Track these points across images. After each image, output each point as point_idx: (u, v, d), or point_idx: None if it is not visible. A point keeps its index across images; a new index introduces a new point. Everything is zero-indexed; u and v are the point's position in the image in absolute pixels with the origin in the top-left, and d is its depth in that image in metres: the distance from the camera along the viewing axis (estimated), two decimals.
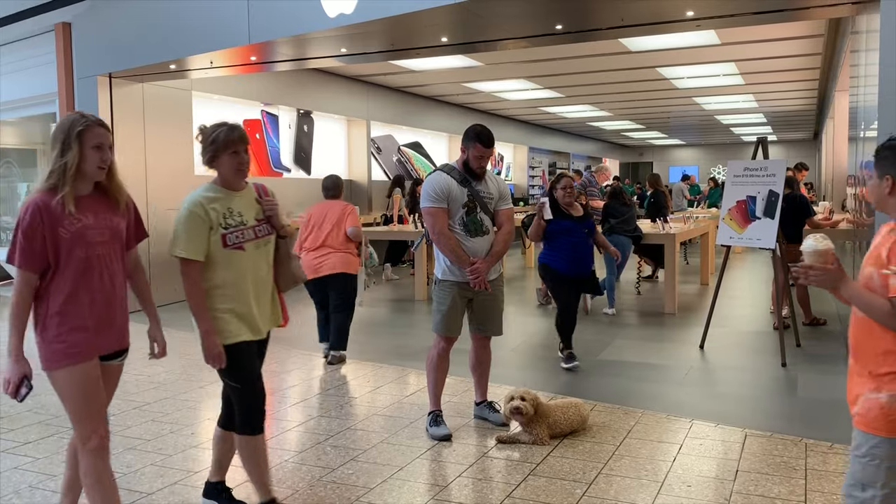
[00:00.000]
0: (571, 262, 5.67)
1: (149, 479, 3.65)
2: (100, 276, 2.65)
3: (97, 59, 8.32)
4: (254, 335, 3.07)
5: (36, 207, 2.53)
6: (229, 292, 2.99)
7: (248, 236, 3.02)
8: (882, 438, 2.15)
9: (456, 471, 3.73)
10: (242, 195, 3.09)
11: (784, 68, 11.63)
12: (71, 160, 2.55)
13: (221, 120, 3.09)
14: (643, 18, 5.96)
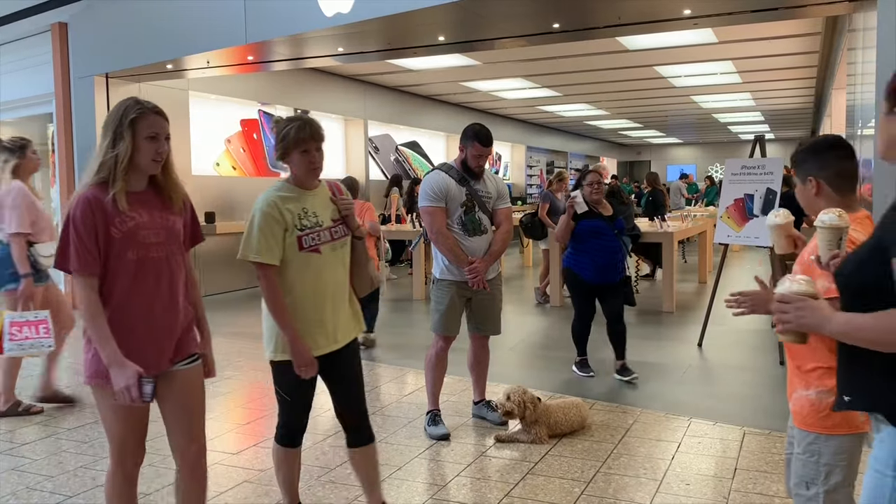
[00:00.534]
0: (599, 268, 5.22)
1: (147, 479, 3.64)
2: (155, 280, 2.37)
3: (94, 59, 8.31)
4: (327, 345, 2.85)
5: (87, 203, 2.27)
6: (304, 298, 2.78)
7: (325, 238, 2.81)
8: (816, 434, 2.15)
9: (454, 470, 3.73)
10: (316, 194, 2.90)
11: (781, 66, 11.64)
12: (123, 151, 2.30)
13: (297, 114, 2.88)
14: (640, 17, 5.96)
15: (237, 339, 6.88)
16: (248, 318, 8.26)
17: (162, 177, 2.44)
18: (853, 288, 1.67)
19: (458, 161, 4.22)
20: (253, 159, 11.03)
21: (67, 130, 8.77)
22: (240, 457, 3.94)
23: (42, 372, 5.01)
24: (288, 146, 2.80)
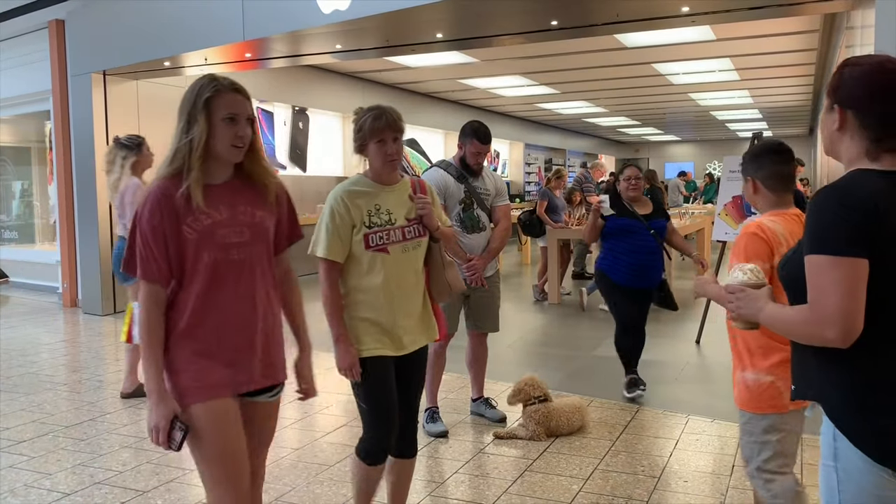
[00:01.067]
0: (634, 270, 4.67)
1: (145, 476, 3.64)
2: (234, 287, 2.05)
3: (91, 56, 8.29)
4: (395, 350, 2.67)
5: (155, 199, 1.98)
6: (370, 299, 2.64)
7: (395, 237, 2.65)
8: (752, 414, 2.37)
9: (452, 467, 3.73)
10: (394, 190, 2.71)
11: (779, 64, 11.63)
12: (197, 137, 1.99)
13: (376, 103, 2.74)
14: (638, 14, 5.95)
15: None
16: None
17: (249, 166, 2.11)
18: (785, 282, 1.74)
19: (456, 158, 4.23)
20: None
21: (65, 128, 8.75)
22: None
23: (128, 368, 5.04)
24: (364, 136, 2.66)
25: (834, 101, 1.63)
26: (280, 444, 4.07)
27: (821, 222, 1.54)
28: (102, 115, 8.34)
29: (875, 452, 1.54)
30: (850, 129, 1.61)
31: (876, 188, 1.54)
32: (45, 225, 10.99)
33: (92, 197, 8.32)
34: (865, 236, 1.49)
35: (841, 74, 1.63)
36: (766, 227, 2.39)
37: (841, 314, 1.48)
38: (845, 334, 1.49)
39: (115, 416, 4.62)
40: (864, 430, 1.56)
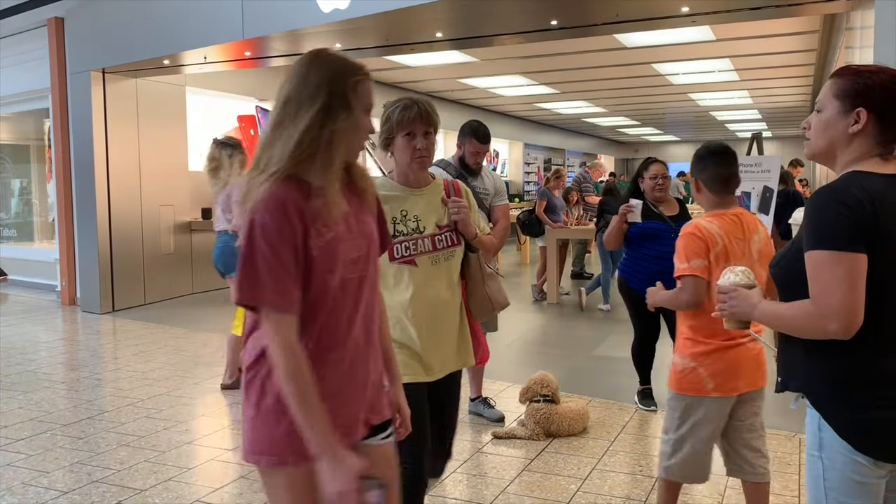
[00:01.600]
0: (653, 276, 4.09)
1: (142, 475, 3.64)
2: (351, 313, 1.66)
3: (90, 54, 8.28)
4: (427, 376, 2.37)
5: (282, 205, 1.53)
6: (397, 318, 2.34)
7: (423, 247, 2.36)
8: (675, 393, 2.69)
9: (450, 466, 3.73)
10: (424, 194, 2.42)
11: (779, 64, 11.63)
12: (344, 129, 1.61)
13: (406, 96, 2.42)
14: (638, 14, 5.95)
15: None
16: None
17: (350, 166, 1.75)
18: (778, 279, 1.81)
19: (455, 158, 4.22)
20: (250, 155, 10.97)
21: (64, 126, 8.74)
22: (235, 453, 3.93)
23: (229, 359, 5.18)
24: (391, 129, 2.35)
25: (857, 105, 1.67)
26: None
27: (823, 220, 1.60)
28: (101, 113, 8.33)
29: (856, 442, 1.62)
30: (865, 132, 1.67)
31: (875, 188, 1.61)
32: (44, 223, 10.98)
33: (90, 195, 8.31)
34: (864, 233, 1.57)
35: (864, 80, 1.67)
36: (703, 227, 2.61)
37: (844, 308, 1.55)
38: (847, 327, 1.56)
39: (113, 414, 4.61)
40: (847, 420, 1.64)
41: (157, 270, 8.95)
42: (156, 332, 7.13)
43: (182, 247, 9.30)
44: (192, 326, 7.29)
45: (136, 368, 5.74)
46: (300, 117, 1.59)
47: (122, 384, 5.31)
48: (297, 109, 1.60)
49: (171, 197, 9.08)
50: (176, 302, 8.93)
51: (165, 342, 6.69)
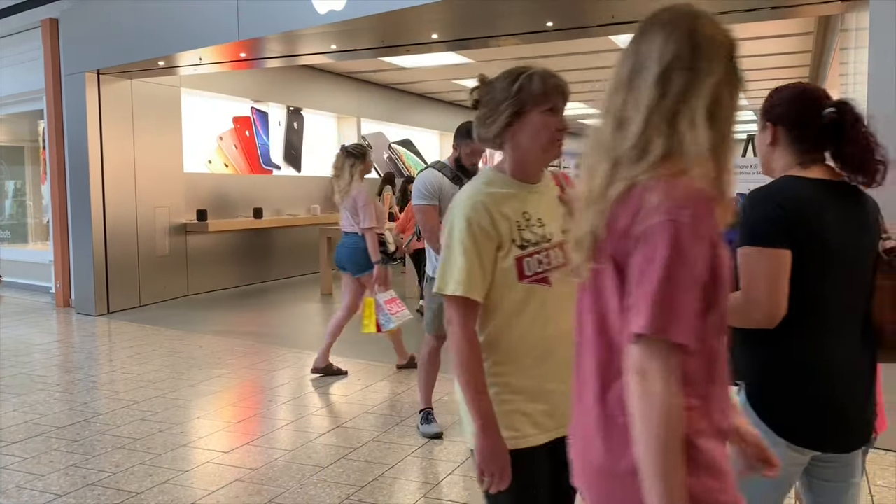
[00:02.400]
0: None
1: (138, 478, 3.63)
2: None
3: (85, 55, 8.25)
4: (550, 428, 1.80)
5: (711, 212, 1.20)
6: (514, 355, 1.79)
7: (556, 260, 1.81)
8: None
9: (447, 469, 3.73)
10: (539, 190, 1.91)
11: (773, 66, 11.65)
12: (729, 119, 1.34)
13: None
14: (634, 15, 5.95)
15: (227, 337, 6.86)
16: (238, 317, 8.23)
17: None
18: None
19: (451, 159, 4.22)
20: (245, 156, 10.99)
21: (58, 127, 8.71)
22: (231, 455, 3.92)
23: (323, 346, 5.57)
24: (523, 102, 1.87)
25: (767, 120, 1.87)
26: (273, 446, 4.06)
27: (752, 218, 1.75)
28: (96, 114, 8.31)
29: (775, 426, 1.76)
30: (781, 144, 1.85)
31: (805, 193, 1.76)
32: (39, 224, 10.95)
33: (85, 196, 8.29)
34: (787, 231, 1.72)
35: (771, 98, 1.88)
36: None
37: (767, 299, 1.71)
38: (770, 317, 1.72)
39: (108, 416, 4.60)
40: (769, 405, 1.79)
41: (152, 272, 8.92)
42: (151, 335, 7.11)
43: (177, 249, 9.27)
44: (188, 328, 7.27)
45: (132, 371, 5.72)
46: (707, 87, 1.25)
47: (117, 386, 5.29)
48: (701, 81, 1.26)
49: (167, 198, 9.06)
50: (171, 304, 8.90)
51: (161, 344, 6.67)
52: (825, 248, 1.73)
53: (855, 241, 1.78)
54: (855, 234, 1.78)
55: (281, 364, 5.94)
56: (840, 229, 1.75)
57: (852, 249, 1.78)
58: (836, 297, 1.77)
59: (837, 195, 1.78)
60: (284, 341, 6.75)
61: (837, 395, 1.77)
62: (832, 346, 1.77)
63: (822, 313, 1.76)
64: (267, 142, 11.40)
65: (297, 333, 7.38)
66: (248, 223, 10.30)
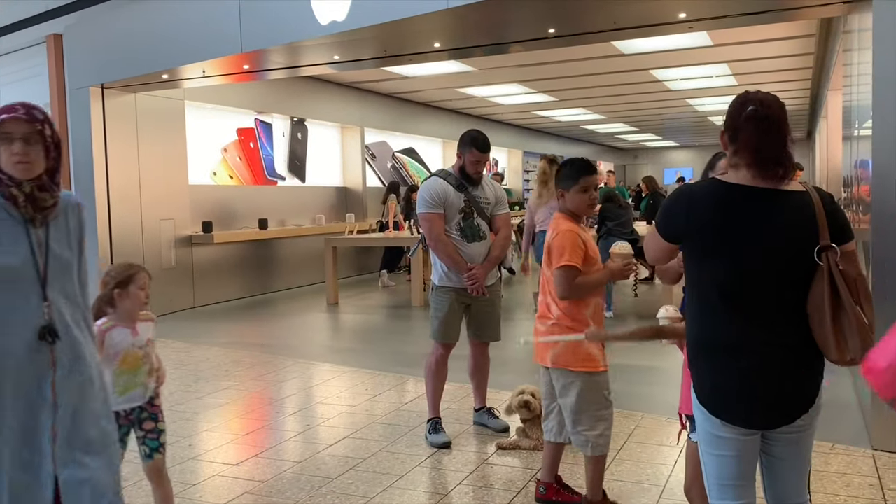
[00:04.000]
0: None
1: (146, 491, 3.61)
2: None
3: (89, 70, 8.30)
4: None
5: None
6: None
7: None
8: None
9: (456, 478, 3.71)
10: None
11: (776, 69, 11.65)
12: None
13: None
14: (635, 21, 5.96)
15: (234, 349, 6.85)
16: (244, 328, 8.23)
17: None
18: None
19: (455, 167, 4.22)
20: (250, 168, 11.02)
21: (64, 141, 8.73)
22: (240, 468, 3.91)
23: None
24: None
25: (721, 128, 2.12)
26: (282, 457, 4.05)
27: (663, 204, 2.14)
28: (101, 128, 8.34)
29: (703, 402, 2.05)
30: (728, 147, 2.07)
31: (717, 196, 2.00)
32: None
33: (91, 210, 8.30)
34: (675, 230, 2.08)
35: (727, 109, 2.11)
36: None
37: (651, 258, 2.24)
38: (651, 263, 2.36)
39: None
40: (694, 377, 2.08)
41: (158, 285, 8.85)
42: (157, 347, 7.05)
43: (183, 261, 9.29)
44: (194, 340, 7.27)
45: None
46: None
47: None
48: None
49: (172, 211, 9.08)
50: (177, 316, 8.91)
51: (167, 356, 6.66)
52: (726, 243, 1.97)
53: (755, 239, 1.95)
54: (757, 232, 1.95)
55: (288, 375, 5.93)
56: (740, 227, 1.96)
57: (752, 246, 1.95)
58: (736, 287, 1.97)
59: (746, 196, 1.97)
60: (292, 352, 6.74)
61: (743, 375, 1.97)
62: (743, 330, 1.97)
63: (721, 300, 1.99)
64: (271, 153, 11.43)
65: (305, 344, 7.37)
66: (254, 234, 10.32)
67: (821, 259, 1.93)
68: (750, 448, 2.03)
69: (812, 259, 1.94)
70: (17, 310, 2.01)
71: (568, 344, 3.16)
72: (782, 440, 2.05)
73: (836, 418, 4.30)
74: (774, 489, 2.12)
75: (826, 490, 3.38)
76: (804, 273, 1.95)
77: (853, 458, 3.83)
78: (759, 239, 1.95)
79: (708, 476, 2.09)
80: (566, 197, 3.18)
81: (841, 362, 1.95)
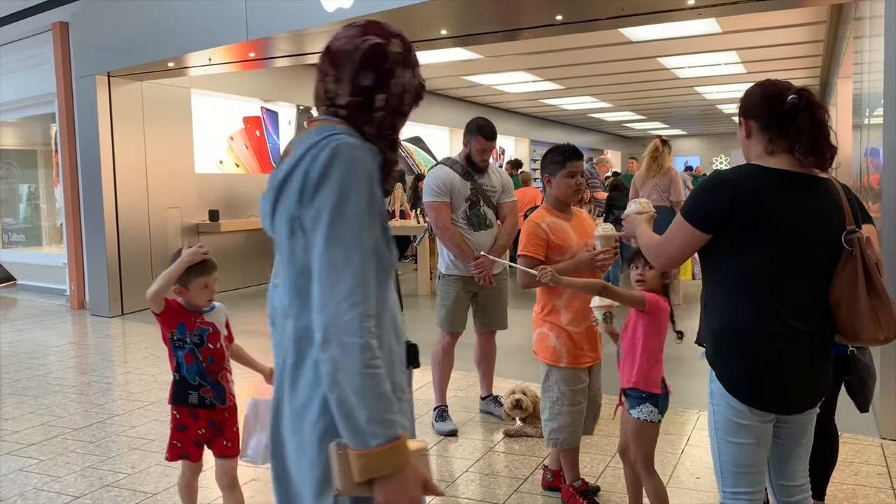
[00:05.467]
0: None
1: (154, 479, 3.64)
2: None
3: (95, 57, 8.29)
4: None
5: None
6: None
7: None
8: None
9: (463, 466, 3.71)
10: None
11: (786, 56, 11.55)
12: None
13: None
14: (643, 8, 5.90)
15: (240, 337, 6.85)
16: (251, 317, 8.24)
17: None
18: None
19: (462, 156, 4.20)
20: (256, 156, 11.01)
21: (70, 130, 8.76)
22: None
23: None
24: None
25: (741, 116, 2.11)
26: None
27: (696, 193, 2.08)
28: (107, 116, 8.34)
29: (731, 389, 2.01)
30: (753, 136, 2.06)
31: (763, 182, 1.97)
32: (52, 227, 11.02)
33: (98, 199, 8.32)
34: (715, 218, 1.98)
35: (744, 97, 2.11)
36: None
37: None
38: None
39: (123, 418, 4.61)
40: (721, 366, 2.04)
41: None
42: None
43: None
44: None
45: (146, 372, 5.74)
46: None
47: (132, 387, 5.31)
48: None
49: (179, 199, 9.09)
50: None
51: None
52: (771, 230, 1.95)
53: (799, 226, 1.96)
54: (800, 220, 1.96)
55: None
56: (785, 214, 1.95)
57: (796, 233, 1.96)
58: (778, 275, 1.96)
59: (789, 183, 1.97)
60: None
61: (777, 362, 1.98)
62: (780, 318, 1.96)
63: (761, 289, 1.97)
64: (277, 141, 11.41)
65: None
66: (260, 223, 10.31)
67: (848, 244, 1.97)
68: (768, 434, 2.07)
69: (840, 244, 1.98)
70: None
71: (538, 335, 3.20)
72: (795, 423, 2.10)
73: (844, 407, 4.27)
74: (783, 472, 2.18)
75: (834, 479, 3.37)
76: (833, 259, 1.99)
77: (862, 447, 3.82)
78: (802, 226, 1.96)
79: (723, 464, 2.11)
80: (552, 183, 3.22)
81: (875, 342, 2.02)
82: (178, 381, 2.80)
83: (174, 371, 2.82)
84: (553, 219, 3.17)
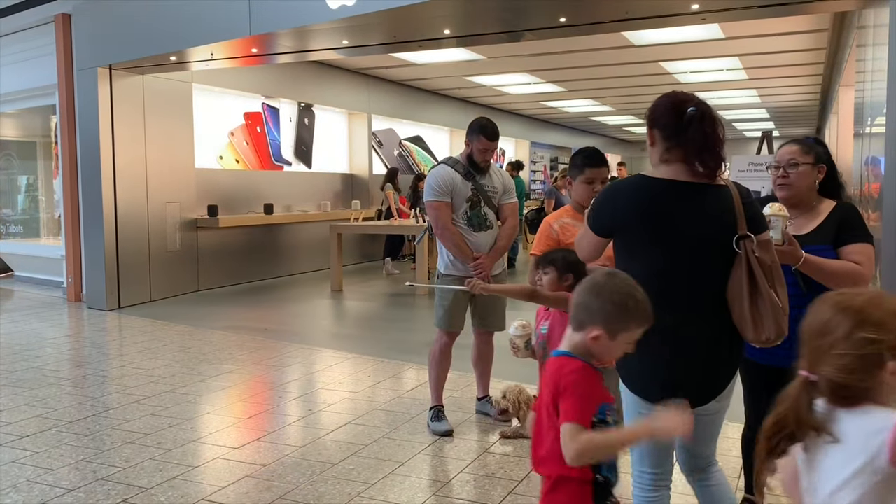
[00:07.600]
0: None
1: (148, 473, 3.62)
2: None
3: (97, 50, 8.27)
4: None
5: None
6: None
7: None
8: None
9: (458, 466, 3.71)
10: None
11: (788, 63, 11.56)
12: None
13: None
14: (647, 12, 5.90)
15: (237, 333, 6.86)
16: (248, 312, 8.23)
17: None
18: None
19: (463, 156, 4.19)
20: (256, 152, 11.00)
21: (70, 122, 8.74)
22: (241, 451, 3.91)
23: None
24: None
25: (647, 125, 2.21)
26: (283, 442, 4.05)
27: (594, 202, 2.28)
28: (108, 109, 8.32)
29: (623, 378, 2.22)
30: (656, 144, 2.18)
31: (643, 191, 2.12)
32: (50, 219, 11.00)
33: (97, 191, 8.31)
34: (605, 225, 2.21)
35: (652, 106, 2.21)
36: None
37: (584, 255, 2.37)
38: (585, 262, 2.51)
39: (118, 411, 4.60)
40: (619, 361, 2.12)
41: (163, 267, 8.94)
42: (161, 329, 7.12)
43: (188, 244, 9.29)
44: (198, 324, 7.28)
45: (142, 365, 5.73)
46: None
47: (127, 381, 5.30)
48: None
49: (178, 194, 9.07)
50: (181, 299, 8.92)
51: (171, 339, 6.68)
52: (657, 235, 2.09)
53: (682, 230, 2.08)
54: (684, 223, 2.08)
55: (291, 360, 5.93)
56: (664, 219, 2.09)
57: (678, 236, 2.08)
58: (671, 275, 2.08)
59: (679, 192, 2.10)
60: (294, 337, 6.74)
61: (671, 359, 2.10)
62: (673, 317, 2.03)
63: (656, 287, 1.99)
64: (278, 138, 11.40)
65: (308, 329, 7.37)
66: (259, 219, 10.31)
67: (739, 247, 2.09)
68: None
69: (732, 248, 2.09)
70: None
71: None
72: (698, 421, 2.10)
73: None
74: (692, 456, 2.38)
75: None
76: (726, 262, 2.10)
77: None
78: (689, 230, 2.09)
79: (632, 450, 2.33)
80: (573, 185, 3.27)
81: (757, 342, 2.11)
82: None
83: None
84: (568, 220, 3.22)
